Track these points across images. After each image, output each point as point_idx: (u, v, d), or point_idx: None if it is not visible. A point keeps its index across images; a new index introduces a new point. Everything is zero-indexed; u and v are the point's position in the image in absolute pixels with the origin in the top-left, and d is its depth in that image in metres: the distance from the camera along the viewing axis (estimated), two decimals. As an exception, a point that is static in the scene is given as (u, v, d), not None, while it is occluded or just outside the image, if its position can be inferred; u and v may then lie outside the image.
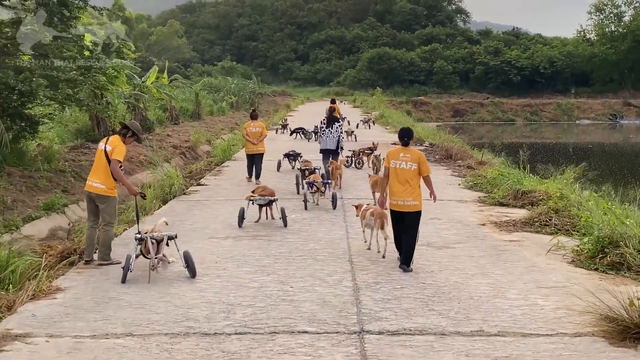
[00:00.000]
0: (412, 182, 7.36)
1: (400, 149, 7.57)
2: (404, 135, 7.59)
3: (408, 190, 7.34)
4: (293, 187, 13.23)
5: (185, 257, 7.09)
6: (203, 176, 15.76)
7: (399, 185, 7.36)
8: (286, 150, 17.48)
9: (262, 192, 10.15)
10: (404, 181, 7.35)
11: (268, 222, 10.08)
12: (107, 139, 7.88)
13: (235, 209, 10.96)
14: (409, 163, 7.40)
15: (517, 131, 60.34)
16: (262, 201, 10.01)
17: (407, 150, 7.51)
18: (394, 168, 7.42)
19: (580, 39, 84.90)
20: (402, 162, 7.41)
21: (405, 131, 7.68)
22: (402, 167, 7.38)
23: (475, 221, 10.14)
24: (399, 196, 7.36)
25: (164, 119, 28.68)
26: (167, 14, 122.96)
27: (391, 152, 7.63)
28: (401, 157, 7.44)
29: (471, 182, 13.92)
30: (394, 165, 7.44)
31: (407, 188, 7.34)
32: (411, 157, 7.42)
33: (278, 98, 67.32)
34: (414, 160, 7.40)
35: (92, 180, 7.77)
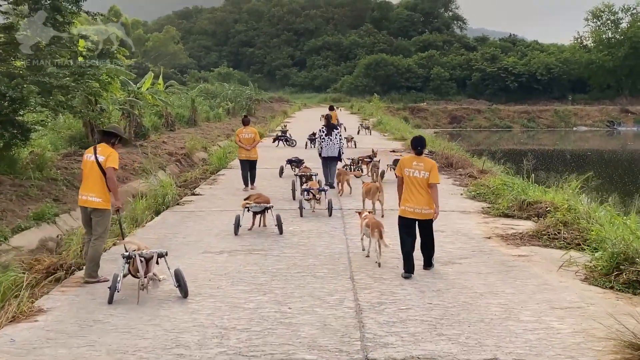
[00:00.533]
0: (426, 191, 7.51)
1: (413, 157, 7.69)
2: (418, 144, 7.72)
3: (425, 199, 7.50)
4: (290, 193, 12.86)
5: (177, 275, 6.67)
6: (198, 185, 15.34)
7: (416, 194, 7.50)
8: (288, 156, 17.51)
9: (257, 200, 10.10)
10: (420, 189, 7.50)
11: (265, 234, 9.67)
12: (95, 149, 7.46)
13: (230, 220, 10.58)
14: (422, 172, 7.52)
15: (515, 138, 60.14)
16: (258, 208, 9.97)
17: (421, 159, 7.63)
18: (409, 177, 7.55)
19: (577, 45, 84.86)
20: (416, 171, 7.53)
21: (419, 140, 7.79)
22: (415, 175, 7.51)
23: (480, 234, 9.74)
24: (416, 204, 7.49)
25: (160, 125, 28.40)
26: (164, 20, 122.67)
27: (404, 161, 7.73)
28: (414, 166, 7.55)
29: (474, 191, 13.53)
30: (408, 174, 7.55)
31: (424, 196, 7.49)
32: (424, 166, 7.55)
33: (275, 104, 66.99)
34: (427, 169, 7.53)
35: (87, 194, 7.36)
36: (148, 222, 10.69)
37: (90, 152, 7.44)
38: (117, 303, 6.47)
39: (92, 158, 7.33)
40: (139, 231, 9.90)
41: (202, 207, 12.00)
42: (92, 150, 7.47)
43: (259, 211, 10.02)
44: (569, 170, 29.77)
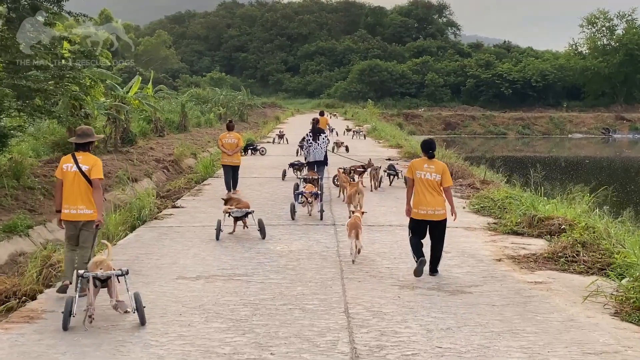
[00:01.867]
0: (438, 192, 7.58)
1: (424, 160, 7.72)
2: (429, 147, 7.76)
3: (437, 199, 7.56)
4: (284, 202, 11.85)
5: (136, 299, 5.86)
6: (181, 196, 14.29)
7: (429, 195, 7.54)
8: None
9: (238, 205, 10.08)
10: (432, 191, 7.55)
11: (249, 256, 8.62)
12: (75, 158, 6.92)
13: (211, 237, 9.59)
14: (433, 174, 7.58)
15: (510, 145, 59.48)
16: (239, 213, 9.94)
17: (432, 161, 7.68)
18: (420, 179, 7.59)
19: (572, 52, 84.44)
20: (427, 173, 7.59)
21: (429, 143, 7.83)
22: (427, 177, 7.57)
23: (489, 255, 8.74)
24: (429, 206, 7.54)
25: (149, 131, 27.55)
26: (156, 24, 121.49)
27: (415, 164, 7.77)
28: (425, 168, 7.62)
29: (477, 204, 12.55)
30: (420, 176, 7.60)
31: (436, 198, 7.56)
32: (435, 169, 7.62)
33: (268, 110, 66.15)
34: (438, 171, 7.60)
35: (76, 207, 6.88)
36: (120, 239, 9.63)
37: (70, 162, 6.93)
38: (68, 341, 5.45)
39: (75, 168, 6.86)
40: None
41: (182, 222, 10.95)
42: (72, 159, 6.94)
43: (241, 216, 9.97)
44: (570, 178, 28.97)
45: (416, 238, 7.67)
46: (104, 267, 6.12)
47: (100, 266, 6.12)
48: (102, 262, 6.20)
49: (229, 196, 10.95)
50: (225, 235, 9.76)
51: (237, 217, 9.98)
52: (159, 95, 38.73)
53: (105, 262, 6.21)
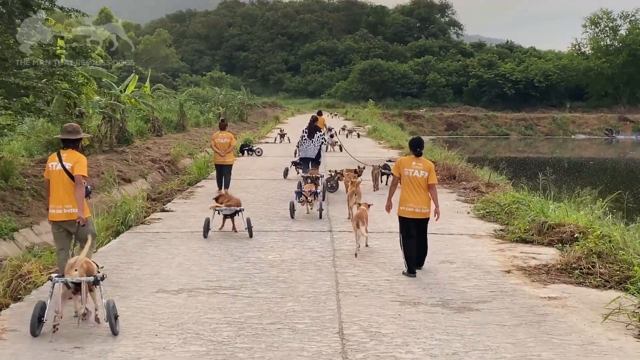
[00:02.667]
0: (425, 190, 7.65)
1: (412, 158, 7.81)
2: (417, 145, 7.85)
3: (423, 198, 7.63)
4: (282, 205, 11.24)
5: (108, 308, 5.48)
6: (173, 198, 13.66)
7: (414, 193, 7.61)
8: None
9: (228, 202, 9.93)
10: (419, 189, 7.62)
11: (238, 266, 7.98)
12: (60, 156, 6.73)
13: (199, 245, 8.97)
14: (421, 172, 7.66)
15: (512, 145, 58.85)
16: (228, 211, 9.83)
17: (419, 159, 7.77)
18: (408, 176, 7.66)
19: (575, 52, 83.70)
20: (415, 171, 7.66)
21: (418, 142, 7.94)
22: (415, 175, 7.63)
23: (497, 266, 8.10)
24: (416, 204, 7.61)
25: (146, 130, 27.02)
26: (157, 23, 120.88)
27: (403, 161, 7.85)
28: (414, 166, 7.68)
29: (482, 209, 11.90)
30: (408, 174, 7.66)
31: (423, 196, 7.63)
32: (423, 166, 7.70)
33: (268, 109, 65.54)
34: (426, 169, 7.70)
35: (63, 206, 6.66)
36: (102, 246, 9.00)
37: (55, 160, 6.74)
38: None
39: (59, 166, 6.67)
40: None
41: (170, 228, 10.32)
42: (56, 157, 6.75)
43: (230, 214, 9.85)
44: (575, 181, 28.32)
45: (410, 242, 7.67)
46: (78, 269, 5.67)
47: (74, 267, 5.68)
48: (74, 264, 5.71)
49: (220, 194, 10.80)
50: (214, 243, 9.16)
51: (226, 215, 9.90)
52: (157, 94, 38.22)
53: (80, 264, 5.72)
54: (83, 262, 5.76)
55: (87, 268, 5.73)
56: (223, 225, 9.98)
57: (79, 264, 5.71)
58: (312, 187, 11.71)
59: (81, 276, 5.64)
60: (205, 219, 9.68)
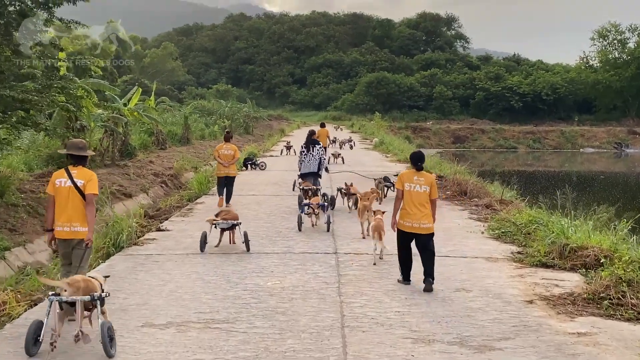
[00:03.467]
0: (426, 205, 7.59)
1: (413, 172, 7.78)
2: (418, 159, 7.79)
3: (424, 213, 7.55)
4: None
5: (102, 330, 5.32)
6: (170, 216, 13.03)
7: (414, 208, 7.55)
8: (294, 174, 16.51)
9: (226, 216, 9.79)
10: (419, 204, 7.55)
11: (234, 294, 7.32)
12: (69, 172, 6.56)
13: (194, 269, 8.33)
14: (423, 186, 7.61)
15: (520, 159, 58.12)
16: (225, 225, 9.67)
17: (421, 174, 7.74)
18: (409, 191, 7.61)
19: (583, 65, 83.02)
20: (417, 185, 7.61)
21: (418, 156, 7.86)
22: (416, 189, 7.59)
23: (518, 295, 7.40)
24: (415, 219, 7.54)
25: (150, 143, 26.68)
26: (163, 37, 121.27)
27: (404, 175, 7.80)
28: (415, 181, 7.65)
29: (497, 229, 11.20)
30: (409, 188, 7.62)
31: (423, 211, 7.55)
32: (425, 181, 7.66)
33: (274, 122, 65.12)
34: (427, 183, 7.65)
35: (70, 224, 6.49)
36: (91, 270, 8.35)
37: (64, 176, 6.56)
38: None
39: (69, 183, 6.50)
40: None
41: (164, 249, 9.67)
42: (65, 173, 6.57)
43: (227, 228, 9.71)
44: (588, 196, 27.55)
45: (405, 253, 7.72)
46: (68, 288, 5.49)
47: (73, 286, 5.51)
48: (74, 282, 5.52)
49: (221, 209, 10.65)
50: (209, 266, 8.51)
51: (223, 229, 9.72)
52: (161, 107, 37.86)
53: (77, 282, 5.54)
54: (79, 280, 5.56)
55: (85, 286, 5.53)
56: (220, 241, 9.76)
57: (73, 283, 5.50)
58: (318, 200, 11.73)
59: (73, 294, 5.45)
60: (202, 233, 9.55)
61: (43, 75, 14.34)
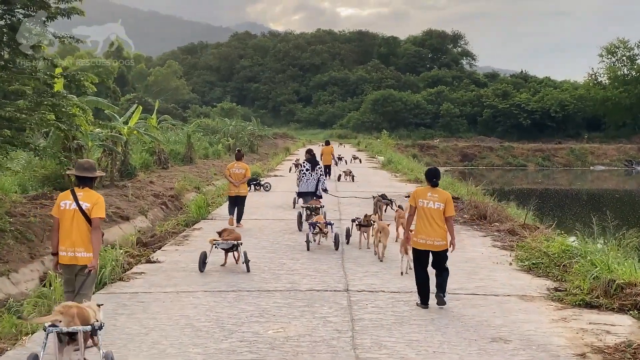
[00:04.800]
0: (440, 223, 7.43)
1: (428, 188, 7.66)
2: (433, 176, 7.67)
3: (437, 231, 7.41)
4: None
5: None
6: (164, 244, 11.90)
7: (428, 226, 7.42)
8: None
9: (227, 237, 9.59)
10: (432, 221, 7.41)
11: (228, 346, 6.15)
12: (75, 194, 6.28)
13: (183, 312, 7.19)
14: (436, 203, 7.46)
15: (530, 177, 56.94)
16: (226, 245, 9.51)
17: (435, 190, 7.60)
18: (422, 207, 7.50)
19: (592, 82, 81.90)
20: (430, 202, 7.48)
21: (434, 172, 7.75)
22: (429, 206, 7.46)
23: (566, 346, 6.21)
24: (428, 235, 7.42)
25: (151, 163, 25.95)
26: (168, 55, 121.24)
27: (418, 192, 7.71)
28: (429, 197, 7.52)
29: (526, 260, 10.01)
30: (422, 205, 7.52)
31: (436, 228, 7.41)
32: (439, 197, 7.50)
33: (279, 140, 64.34)
34: (442, 200, 7.49)
35: (75, 249, 6.22)
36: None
37: (69, 199, 6.28)
38: None
39: (74, 206, 6.22)
40: (36, 336, 6.43)
41: (152, 286, 8.51)
42: (71, 195, 6.28)
43: (228, 248, 9.56)
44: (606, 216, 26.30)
45: (421, 272, 7.53)
46: (68, 316, 5.17)
47: (66, 314, 5.18)
48: (67, 311, 5.18)
49: (224, 228, 10.27)
50: (201, 309, 7.35)
51: (225, 249, 9.59)
52: (164, 125, 37.17)
53: (70, 309, 5.22)
54: (72, 306, 5.25)
55: (79, 313, 5.23)
56: (226, 262, 9.70)
57: (66, 311, 5.18)
58: (321, 218, 11.63)
59: (68, 325, 5.13)
60: (201, 253, 9.33)
61: (34, 92, 13.51)
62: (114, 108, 23.02)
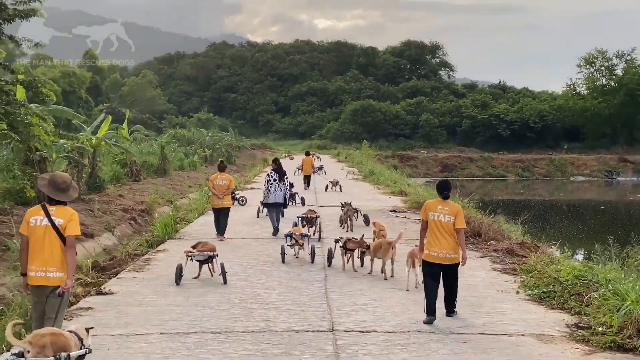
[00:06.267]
0: (451, 236, 7.30)
1: (438, 201, 7.53)
2: (444, 188, 7.56)
3: (450, 244, 7.30)
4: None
5: None
6: (123, 269, 10.46)
7: (440, 238, 7.31)
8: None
9: (202, 248, 9.57)
10: (444, 234, 7.30)
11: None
12: (46, 209, 5.85)
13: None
14: (447, 216, 7.34)
15: (510, 187, 56.34)
16: (201, 257, 9.46)
17: (446, 203, 7.48)
18: (433, 220, 7.38)
19: (570, 92, 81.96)
20: (441, 215, 7.36)
21: (444, 184, 7.63)
22: (440, 219, 7.34)
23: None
24: (440, 249, 7.30)
25: (123, 175, 24.84)
26: (144, 65, 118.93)
27: (429, 204, 7.57)
28: (439, 210, 7.39)
29: (535, 287, 8.77)
30: (433, 218, 7.39)
31: (448, 241, 7.30)
32: (449, 210, 7.39)
33: (257, 151, 63.13)
34: (452, 213, 7.36)
35: (46, 268, 5.76)
36: None
37: (39, 214, 5.88)
38: None
39: (46, 222, 5.82)
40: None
41: (98, 326, 7.04)
42: (42, 210, 5.89)
43: (203, 260, 9.49)
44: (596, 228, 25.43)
45: (431, 284, 7.33)
46: (37, 346, 4.74)
47: (36, 344, 4.73)
48: (38, 340, 4.76)
49: (198, 241, 10.24)
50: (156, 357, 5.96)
51: (200, 261, 9.52)
52: (136, 136, 35.97)
53: (42, 337, 4.80)
54: (45, 334, 4.83)
55: (54, 342, 4.80)
56: (199, 274, 9.57)
57: (37, 341, 4.74)
58: (299, 230, 11.50)
59: (36, 356, 4.71)
60: (177, 266, 9.15)
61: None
62: (80, 117, 21.67)
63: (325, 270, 9.94)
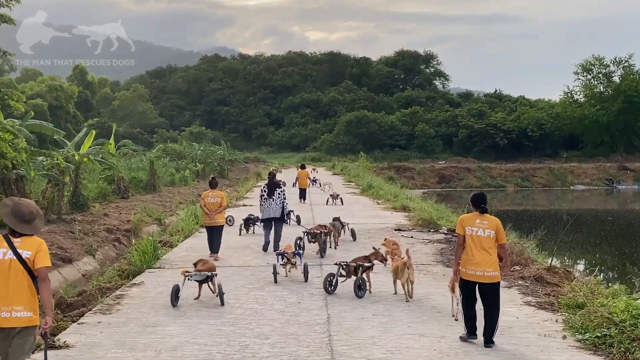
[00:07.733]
0: (491, 251, 7.00)
1: (475, 215, 7.18)
2: (481, 201, 7.20)
3: (488, 260, 6.97)
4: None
5: None
6: (90, 309, 8.87)
7: (478, 254, 6.97)
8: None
9: (201, 267, 9.20)
10: (482, 250, 6.98)
11: None
12: (10, 241, 5.09)
13: None
14: (486, 230, 7.03)
15: (510, 198, 55.01)
16: (199, 277, 9.04)
17: (484, 216, 7.14)
18: (471, 235, 7.05)
19: (568, 100, 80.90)
20: (480, 229, 7.05)
21: (480, 197, 7.30)
22: (479, 234, 7.03)
23: None
24: (478, 266, 6.96)
25: (110, 192, 23.78)
26: (136, 79, 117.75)
27: (465, 219, 7.23)
28: (478, 224, 7.08)
29: (583, 328, 7.22)
30: (470, 233, 7.05)
31: (487, 257, 6.96)
32: (489, 224, 7.07)
33: (251, 165, 61.68)
34: (492, 227, 7.07)
35: (10, 308, 5.03)
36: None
37: (2, 246, 5.09)
38: None
39: (10, 255, 5.08)
40: None
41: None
42: (4, 242, 5.10)
43: (201, 279, 9.13)
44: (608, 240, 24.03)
45: (469, 304, 7.01)
46: None
47: None
48: None
49: (199, 259, 9.89)
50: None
51: (198, 281, 9.19)
52: (124, 151, 34.78)
53: None
54: None
55: None
56: (199, 295, 9.20)
57: None
58: (290, 248, 11.26)
59: None
60: (173, 286, 8.77)
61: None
62: (60, 133, 20.32)
63: (327, 307, 8.37)
